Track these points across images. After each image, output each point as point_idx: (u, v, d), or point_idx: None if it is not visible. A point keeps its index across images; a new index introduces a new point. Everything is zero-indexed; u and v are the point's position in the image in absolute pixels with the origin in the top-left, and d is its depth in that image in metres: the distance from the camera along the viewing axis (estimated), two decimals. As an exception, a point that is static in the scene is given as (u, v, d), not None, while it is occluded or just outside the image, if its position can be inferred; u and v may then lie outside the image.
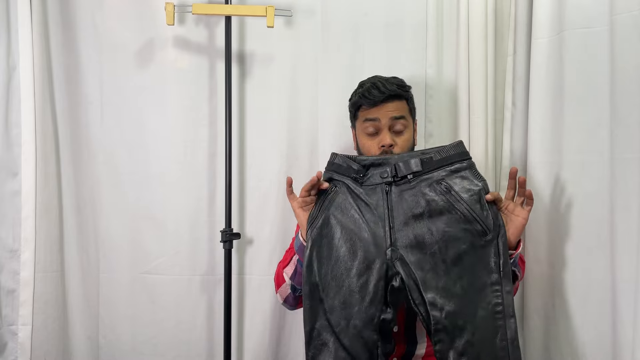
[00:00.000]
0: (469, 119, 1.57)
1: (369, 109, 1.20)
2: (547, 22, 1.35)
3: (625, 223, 1.16)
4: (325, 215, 1.05)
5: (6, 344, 1.44)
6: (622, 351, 1.16)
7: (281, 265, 1.23)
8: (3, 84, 1.43)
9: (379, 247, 1.00)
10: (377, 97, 1.18)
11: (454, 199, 1.01)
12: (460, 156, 1.06)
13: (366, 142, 1.21)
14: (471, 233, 1.00)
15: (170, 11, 1.39)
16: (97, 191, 1.53)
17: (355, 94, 1.24)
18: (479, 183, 1.04)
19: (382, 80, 1.22)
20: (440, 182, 1.03)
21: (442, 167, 1.04)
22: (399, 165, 1.05)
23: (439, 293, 0.96)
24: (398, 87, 1.21)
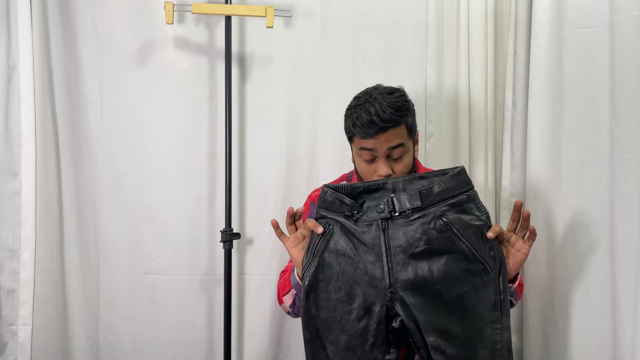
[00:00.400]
0: (469, 119, 1.57)
1: (362, 139, 1.11)
2: (547, 22, 1.35)
3: (625, 223, 1.16)
4: (320, 259, 0.99)
5: (6, 344, 1.44)
6: (622, 351, 1.16)
7: (281, 285, 1.19)
8: (3, 84, 1.43)
9: (377, 289, 0.95)
10: (373, 130, 1.07)
11: (455, 237, 0.95)
12: (462, 186, 0.98)
13: (363, 166, 1.14)
14: (472, 273, 0.95)
15: (170, 10, 1.39)
16: (97, 191, 1.53)
17: (349, 119, 1.12)
18: (482, 217, 0.98)
19: (376, 105, 1.07)
20: (440, 217, 0.95)
21: (442, 200, 0.96)
22: (397, 199, 0.97)
23: (441, 336, 0.93)
24: (393, 114, 1.06)
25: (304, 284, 0.99)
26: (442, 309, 0.94)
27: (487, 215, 0.99)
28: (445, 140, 1.58)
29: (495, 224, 1.00)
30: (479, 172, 1.56)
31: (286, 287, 1.16)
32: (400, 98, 1.11)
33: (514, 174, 1.52)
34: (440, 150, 1.58)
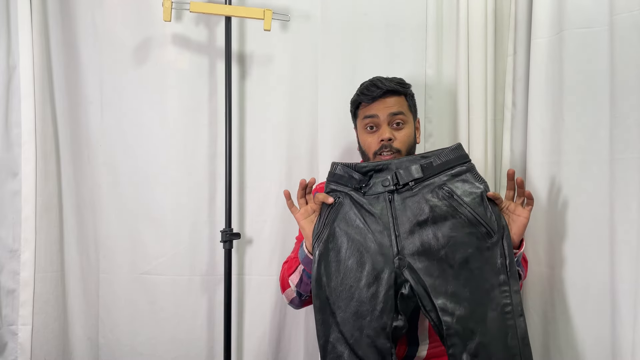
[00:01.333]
0: (468, 119, 1.57)
1: (367, 106, 1.23)
2: (546, 22, 1.35)
3: (625, 223, 1.16)
4: (331, 228, 1.05)
5: (6, 344, 1.44)
6: (622, 351, 1.16)
7: (286, 269, 1.23)
8: (3, 84, 1.43)
9: (386, 257, 1.01)
10: (375, 93, 1.21)
11: (457, 204, 1.02)
12: (460, 159, 1.07)
13: (367, 138, 1.23)
14: (476, 236, 1.01)
15: (168, 7, 1.39)
16: (97, 191, 1.53)
17: (355, 93, 1.27)
18: (480, 185, 1.04)
19: (380, 78, 1.25)
20: (442, 187, 1.04)
21: (442, 171, 1.05)
22: (399, 172, 1.05)
23: (449, 298, 0.97)
24: (396, 84, 1.23)
25: (315, 253, 1.04)
26: (449, 272, 0.99)
27: (486, 184, 1.06)
28: (445, 140, 1.58)
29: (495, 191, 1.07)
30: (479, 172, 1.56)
31: (293, 267, 1.19)
32: (401, 79, 1.27)
33: (513, 174, 1.52)
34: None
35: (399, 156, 1.21)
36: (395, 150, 1.20)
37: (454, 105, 1.58)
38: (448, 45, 1.58)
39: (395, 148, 1.20)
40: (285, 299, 1.25)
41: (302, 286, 1.17)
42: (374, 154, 1.21)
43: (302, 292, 1.18)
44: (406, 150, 1.22)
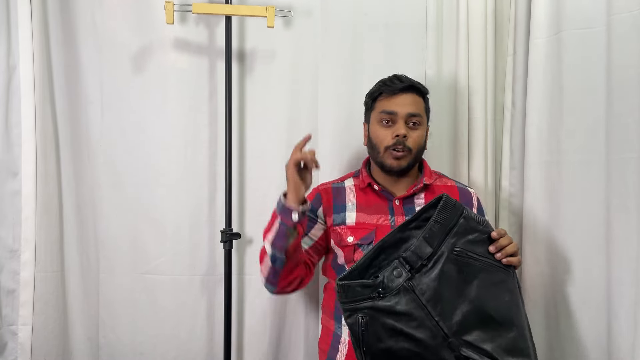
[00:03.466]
0: (468, 119, 1.58)
1: (387, 99, 1.22)
2: (545, 23, 1.35)
3: (623, 223, 1.16)
4: (373, 354, 0.98)
5: (6, 344, 1.44)
6: (621, 351, 1.17)
7: (263, 236, 1.19)
8: (3, 84, 1.43)
9: (440, 346, 0.96)
10: (398, 86, 1.21)
11: (473, 260, 0.99)
12: (455, 212, 1.01)
13: (380, 131, 1.22)
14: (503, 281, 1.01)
15: (170, 10, 1.39)
16: (97, 191, 1.52)
17: (376, 84, 1.27)
18: (484, 229, 1.02)
19: (403, 74, 1.26)
20: (454, 252, 0.99)
21: (447, 234, 0.99)
22: (408, 257, 0.98)
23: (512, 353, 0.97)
24: (417, 82, 1.25)
25: None
26: (501, 328, 0.98)
27: (486, 222, 1.03)
28: (445, 140, 1.58)
29: (499, 228, 1.03)
30: (478, 172, 1.56)
31: (270, 226, 1.15)
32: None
33: (513, 174, 1.53)
34: (440, 150, 1.58)
35: (408, 155, 1.21)
36: (407, 149, 1.20)
37: (454, 105, 1.58)
38: (448, 45, 1.58)
39: (408, 146, 1.20)
40: (263, 278, 1.22)
41: (276, 241, 1.12)
42: (385, 147, 1.21)
43: (277, 250, 1.13)
44: (416, 151, 1.22)
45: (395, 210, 1.22)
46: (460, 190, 1.29)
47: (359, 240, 1.20)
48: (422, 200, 1.24)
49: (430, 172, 1.29)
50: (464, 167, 1.58)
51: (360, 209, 1.23)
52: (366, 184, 1.26)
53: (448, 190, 1.28)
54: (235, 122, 1.53)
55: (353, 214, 1.24)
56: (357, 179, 1.31)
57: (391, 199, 1.24)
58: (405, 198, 1.24)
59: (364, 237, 1.20)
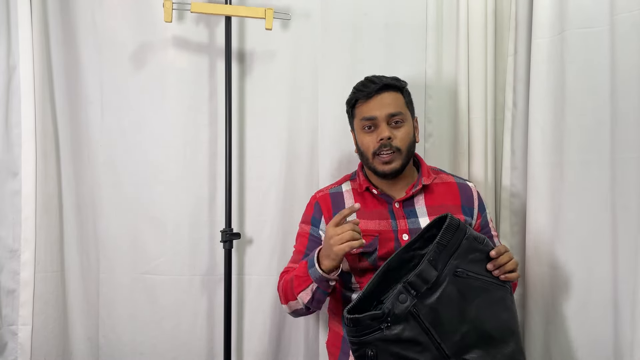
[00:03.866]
0: (468, 119, 1.57)
1: (364, 104, 1.21)
2: (547, 22, 1.35)
3: (625, 223, 1.16)
4: None
5: (6, 344, 1.44)
6: (621, 351, 1.16)
7: (292, 284, 1.15)
8: (3, 84, 1.43)
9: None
10: (371, 88, 1.19)
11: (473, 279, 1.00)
12: (460, 234, 1.00)
13: (365, 138, 1.21)
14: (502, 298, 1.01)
15: (169, 8, 1.39)
16: (97, 191, 1.53)
17: (351, 92, 1.26)
18: (484, 248, 1.02)
19: (375, 75, 1.24)
20: (455, 273, 0.98)
21: (451, 256, 0.99)
22: (414, 282, 0.96)
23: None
24: (391, 79, 1.22)
25: None
26: (500, 344, 0.99)
27: (486, 241, 1.03)
28: (445, 140, 1.58)
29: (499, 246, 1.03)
30: (479, 172, 1.56)
31: (302, 285, 1.13)
32: (396, 76, 1.24)
33: (514, 173, 1.52)
34: (439, 150, 1.58)
35: (398, 156, 1.18)
36: (395, 149, 1.18)
37: (454, 105, 1.58)
38: (448, 45, 1.58)
39: (395, 146, 1.18)
40: (288, 309, 1.21)
41: (314, 303, 1.13)
42: (372, 154, 1.19)
43: (312, 307, 1.15)
44: (406, 149, 1.20)
45: (396, 214, 1.21)
46: (460, 186, 1.27)
47: (362, 248, 1.17)
48: (422, 202, 1.22)
49: (428, 170, 1.27)
50: (464, 166, 1.58)
51: (361, 215, 1.20)
52: (364, 188, 1.24)
53: (447, 188, 1.26)
54: (235, 122, 1.53)
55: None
56: (354, 182, 1.28)
57: (390, 202, 1.22)
58: (405, 200, 1.22)
59: (367, 245, 1.17)
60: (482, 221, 1.27)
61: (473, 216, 1.25)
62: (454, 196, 1.25)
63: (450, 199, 1.24)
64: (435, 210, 1.20)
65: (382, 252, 1.16)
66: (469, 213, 1.24)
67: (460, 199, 1.25)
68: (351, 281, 1.21)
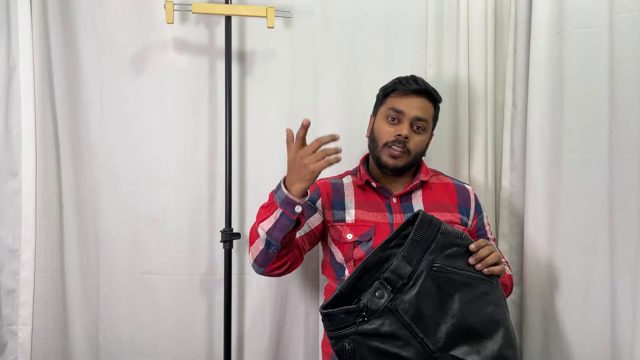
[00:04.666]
0: (468, 119, 1.57)
1: (398, 97, 1.23)
2: (546, 22, 1.35)
3: (624, 223, 1.16)
4: None
5: (6, 344, 1.44)
6: (621, 351, 1.17)
7: (257, 220, 1.16)
8: (3, 84, 1.43)
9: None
10: (413, 87, 1.22)
11: (453, 274, 1.00)
12: (433, 229, 1.00)
13: (384, 126, 1.23)
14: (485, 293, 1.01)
15: (170, 9, 1.39)
16: (97, 191, 1.53)
17: (391, 81, 1.27)
18: (462, 242, 1.01)
19: (421, 77, 1.26)
20: (432, 268, 0.99)
21: (425, 251, 0.99)
22: (388, 277, 0.98)
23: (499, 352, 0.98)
24: (433, 89, 1.25)
25: None
26: (486, 339, 0.98)
27: (465, 235, 1.03)
28: (445, 140, 1.58)
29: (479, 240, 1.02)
30: (479, 172, 1.56)
31: (267, 213, 1.12)
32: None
33: (513, 173, 1.53)
34: (440, 150, 1.58)
35: (406, 157, 1.21)
36: (406, 150, 1.20)
37: (453, 105, 1.58)
38: (448, 45, 1.58)
39: (408, 148, 1.20)
40: (251, 258, 1.20)
41: (274, 231, 1.10)
42: (384, 143, 1.21)
43: (272, 238, 1.11)
44: (415, 154, 1.22)
45: (393, 208, 1.23)
46: (457, 187, 1.30)
47: (358, 237, 1.20)
48: (419, 198, 1.25)
49: (426, 169, 1.30)
50: (464, 166, 1.58)
51: (359, 206, 1.24)
52: (364, 181, 1.27)
53: (445, 188, 1.28)
54: (235, 122, 1.53)
55: (352, 211, 1.24)
56: (355, 176, 1.31)
57: (388, 196, 1.25)
58: (403, 195, 1.25)
59: (363, 234, 1.20)
60: (477, 223, 1.28)
61: (469, 216, 1.27)
62: (451, 196, 1.27)
63: (448, 198, 1.27)
64: (432, 207, 1.23)
65: (377, 243, 1.17)
66: (466, 213, 1.26)
67: (457, 199, 1.27)
68: (344, 274, 1.22)
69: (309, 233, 1.25)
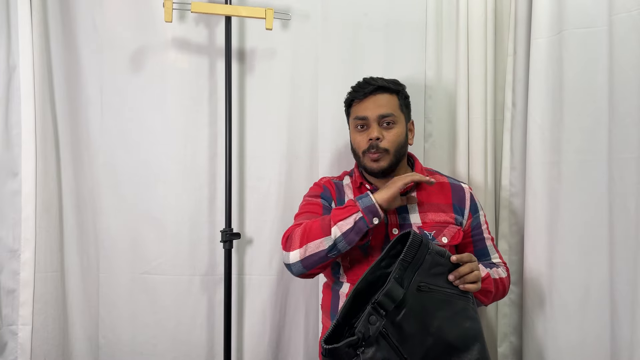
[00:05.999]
0: (468, 119, 1.57)
1: (358, 104, 1.24)
2: (546, 22, 1.35)
3: (623, 223, 1.16)
4: None
5: (6, 344, 1.44)
6: (620, 351, 1.17)
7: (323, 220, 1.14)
8: (3, 84, 1.43)
9: None
10: (367, 89, 1.22)
11: (436, 292, 1.00)
12: (423, 250, 1.00)
13: (357, 137, 1.25)
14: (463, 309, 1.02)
15: (169, 8, 1.39)
16: (97, 191, 1.53)
17: (348, 92, 1.30)
18: (445, 261, 1.02)
19: (373, 77, 1.27)
20: (420, 288, 0.99)
21: (415, 272, 0.99)
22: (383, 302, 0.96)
23: None
24: (388, 82, 1.25)
25: None
26: (464, 354, 0.99)
27: (447, 254, 1.03)
28: (445, 140, 1.58)
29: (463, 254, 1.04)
30: (478, 172, 1.56)
31: (344, 214, 1.11)
32: (395, 79, 1.28)
33: (513, 174, 1.53)
34: (439, 150, 1.58)
35: (386, 156, 1.21)
36: (382, 150, 1.21)
37: (453, 105, 1.58)
38: (448, 45, 1.58)
39: (383, 148, 1.21)
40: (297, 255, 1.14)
41: (351, 234, 1.10)
42: (362, 152, 1.23)
43: (346, 241, 1.10)
44: (394, 150, 1.22)
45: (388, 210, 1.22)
46: (453, 186, 1.29)
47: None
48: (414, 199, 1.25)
49: (421, 169, 1.30)
50: (463, 166, 1.58)
51: None
52: (358, 183, 1.28)
53: (440, 187, 1.27)
54: (235, 122, 1.53)
55: None
56: (351, 178, 1.33)
57: None
58: None
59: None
60: (472, 222, 1.27)
61: (464, 216, 1.26)
62: (446, 195, 1.27)
63: (442, 198, 1.26)
64: (427, 207, 1.23)
65: (374, 243, 1.19)
66: (460, 212, 1.26)
67: (452, 198, 1.26)
68: (339, 272, 1.23)
69: None
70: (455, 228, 1.22)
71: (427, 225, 1.20)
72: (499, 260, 1.30)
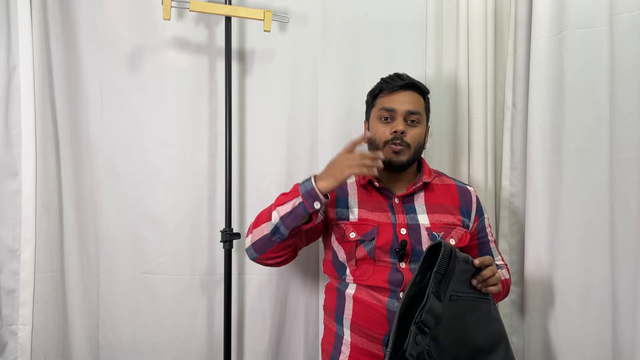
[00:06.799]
0: (468, 119, 1.58)
1: (387, 96, 1.24)
2: (547, 22, 1.35)
3: (624, 223, 1.16)
4: None
5: (6, 344, 1.44)
6: (621, 351, 1.17)
7: (275, 204, 1.18)
8: (3, 84, 1.43)
9: None
10: (398, 83, 1.24)
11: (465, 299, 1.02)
12: (453, 259, 1.01)
13: (380, 127, 1.24)
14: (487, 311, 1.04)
15: (167, 5, 1.38)
16: (97, 191, 1.52)
17: (376, 83, 1.30)
18: (469, 267, 1.03)
19: (404, 73, 1.28)
20: (452, 297, 1.00)
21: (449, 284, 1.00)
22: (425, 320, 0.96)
23: None
24: (418, 82, 1.27)
25: None
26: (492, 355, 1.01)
27: (470, 260, 1.04)
28: (445, 140, 1.58)
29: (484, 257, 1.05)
30: (479, 172, 1.56)
31: (286, 199, 1.14)
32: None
33: (513, 173, 1.53)
34: (440, 150, 1.58)
35: (407, 151, 1.22)
36: (405, 144, 1.21)
37: (453, 105, 1.58)
38: (448, 45, 1.58)
39: (406, 142, 1.21)
40: (249, 240, 1.20)
41: (288, 218, 1.12)
42: (384, 142, 1.22)
43: (284, 225, 1.13)
44: (414, 148, 1.23)
45: (395, 209, 1.23)
46: (460, 189, 1.29)
47: (361, 236, 1.20)
48: (421, 199, 1.24)
49: (429, 170, 1.30)
50: (464, 166, 1.58)
51: (362, 205, 1.24)
52: (366, 180, 1.27)
53: (447, 189, 1.28)
54: (235, 122, 1.53)
55: (355, 210, 1.24)
56: (356, 176, 1.31)
57: (391, 197, 1.25)
58: (405, 197, 1.25)
59: (366, 234, 1.20)
60: (478, 225, 1.28)
61: (470, 219, 1.27)
62: (453, 197, 1.27)
63: (450, 199, 1.26)
64: (434, 208, 1.23)
65: (380, 243, 1.18)
66: (467, 215, 1.26)
67: (459, 201, 1.27)
68: (345, 273, 1.22)
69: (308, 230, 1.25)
70: (462, 230, 1.22)
71: (436, 227, 1.20)
72: (502, 262, 1.30)
